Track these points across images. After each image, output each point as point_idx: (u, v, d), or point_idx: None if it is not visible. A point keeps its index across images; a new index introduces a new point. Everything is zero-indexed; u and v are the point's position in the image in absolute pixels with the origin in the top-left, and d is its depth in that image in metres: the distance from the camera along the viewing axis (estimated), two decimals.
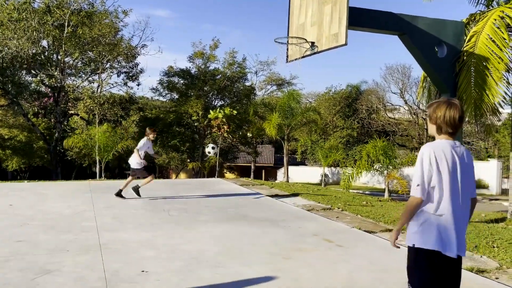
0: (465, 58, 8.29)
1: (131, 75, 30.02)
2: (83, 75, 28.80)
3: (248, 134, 32.70)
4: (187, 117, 31.69)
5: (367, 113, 41.87)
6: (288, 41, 8.66)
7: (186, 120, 32.04)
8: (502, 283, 4.46)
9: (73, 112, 30.47)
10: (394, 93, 48.70)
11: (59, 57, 26.46)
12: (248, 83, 35.28)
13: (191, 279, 4.36)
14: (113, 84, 29.48)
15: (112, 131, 21.99)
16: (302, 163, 40.96)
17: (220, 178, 15.47)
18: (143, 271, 4.54)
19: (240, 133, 33.78)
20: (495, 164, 27.66)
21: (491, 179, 27.20)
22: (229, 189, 11.37)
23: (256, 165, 39.17)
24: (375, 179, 29.94)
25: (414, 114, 40.00)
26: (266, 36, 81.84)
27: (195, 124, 31.87)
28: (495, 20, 8.49)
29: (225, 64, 32.62)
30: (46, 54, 26.45)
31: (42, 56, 25.96)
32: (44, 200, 8.99)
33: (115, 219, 7.16)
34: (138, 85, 35.26)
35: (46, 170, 31.43)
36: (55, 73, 25.72)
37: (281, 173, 37.69)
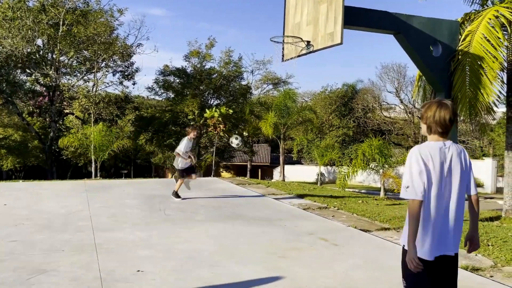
0: (460, 57, 8.32)
1: (126, 74, 29.92)
2: (78, 74, 28.68)
3: (244, 133, 32.66)
4: (183, 116, 31.62)
5: (362, 112, 41.97)
6: (283, 40, 8.65)
7: (182, 119, 31.96)
8: (497, 281, 4.49)
9: (68, 111, 30.34)
10: (389, 92, 48.78)
11: (54, 56, 26.33)
12: (244, 82, 35.23)
13: (187, 278, 4.36)
14: (108, 83, 29.35)
15: (107, 130, 21.90)
16: (298, 162, 41.01)
17: (216, 177, 15.46)
18: (138, 270, 4.53)
19: (236, 132, 33.75)
20: (490, 163, 27.82)
21: (486, 178, 27.35)
22: (225, 188, 11.37)
23: (252, 164, 39.17)
24: (371, 178, 29.99)
25: (410, 113, 40.13)
26: (262, 35, 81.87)
27: (191, 123, 31.81)
28: (490, 19, 8.52)
29: (221, 63, 32.56)
30: (41, 53, 26.31)
31: (37, 55, 25.82)
32: (39, 200, 8.96)
33: (111, 219, 7.14)
34: (134, 84, 35.32)
35: (41, 169, 31.29)
36: (50, 72, 25.59)
37: (277, 172, 37.69)
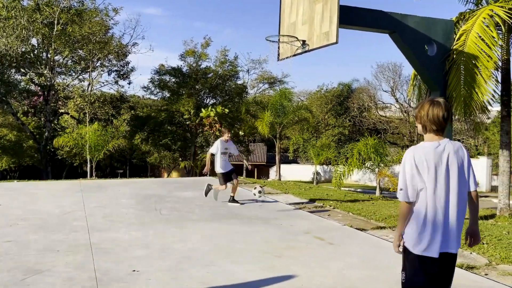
0: (454, 56, 8.35)
1: (122, 73, 29.83)
2: (73, 74, 28.56)
3: (240, 132, 32.66)
4: (178, 115, 31.56)
5: (358, 111, 42.06)
6: (279, 39, 8.65)
7: (178, 118, 31.91)
8: (492, 279, 4.52)
9: (63, 111, 30.23)
10: (385, 91, 49.05)
11: (49, 55, 26.20)
12: (240, 82, 35.24)
13: (183, 278, 4.35)
14: (103, 83, 29.28)
15: (103, 130, 21.84)
16: (294, 161, 41.07)
17: (212, 177, 15.43)
18: (134, 270, 4.51)
19: (232, 131, 33.73)
20: (484, 162, 27.98)
21: (481, 177, 27.49)
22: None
23: (249, 163, 39.16)
24: (366, 177, 30.09)
25: (405, 112, 40.26)
26: (258, 34, 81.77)
27: (187, 123, 31.76)
28: (484, 18, 8.55)
29: (217, 62, 32.53)
30: (36, 52, 26.17)
31: (32, 55, 25.68)
32: (34, 200, 8.91)
33: (106, 219, 7.12)
34: (129, 83, 35.13)
35: (36, 169, 31.16)
36: (45, 71, 25.46)
37: (273, 171, 37.72)
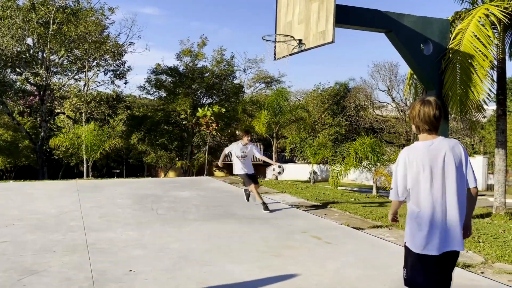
0: (450, 55, 8.37)
1: (118, 73, 29.77)
2: (69, 73, 28.49)
3: (237, 132, 32.65)
4: (175, 115, 31.53)
5: (355, 110, 42.09)
6: (275, 38, 8.65)
7: (174, 118, 31.87)
8: (488, 278, 4.54)
9: (59, 110, 30.11)
10: (381, 90, 48.92)
11: (45, 55, 26.11)
12: (236, 81, 35.22)
13: (180, 277, 4.35)
14: (100, 82, 29.21)
15: (99, 129, 21.79)
16: (291, 160, 41.05)
17: (209, 177, 15.44)
18: (131, 270, 4.51)
19: (229, 131, 33.73)
20: (480, 161, 28.03)
21: (477, 175, 27.20)
22: (218, 188, 11.35)
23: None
24: (363, 176, 30.10)
25: (402, 111, 40.32)
26: (255, 34, 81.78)
27: (184, 122, 31.73)
28: (480, 17, 8.57)
29: (213, 62, 32.51)
30: (31, 52, 26.08)
31: (27, 54, 25.59)
32: (30, 200, 8.88)
33: (103, 219, 7.10)
34: (126, 83, 35.20)
35: (32, 169, 31.03)
36: (41, 71, 25.37)
37: (270, 171, 37.72)
